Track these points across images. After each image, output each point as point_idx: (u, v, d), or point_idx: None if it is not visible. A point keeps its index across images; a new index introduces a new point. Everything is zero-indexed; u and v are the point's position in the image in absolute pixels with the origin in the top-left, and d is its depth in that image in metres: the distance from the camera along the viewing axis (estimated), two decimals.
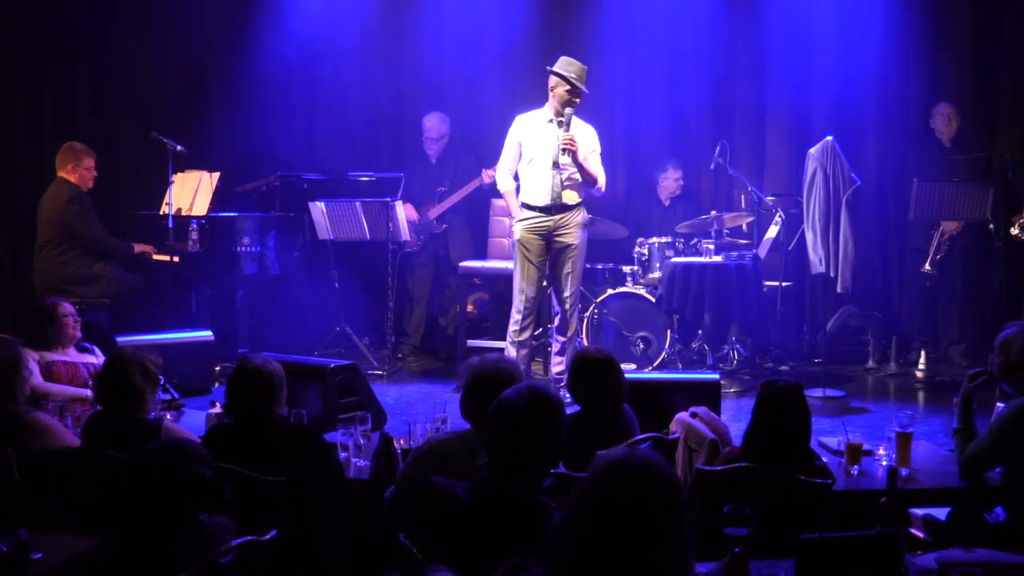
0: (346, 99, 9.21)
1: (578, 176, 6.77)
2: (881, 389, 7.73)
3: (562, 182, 6.74)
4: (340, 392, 5.42)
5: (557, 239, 6.83)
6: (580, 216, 6.85)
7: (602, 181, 6.87)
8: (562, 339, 6.96)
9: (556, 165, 6.70)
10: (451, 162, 8.67)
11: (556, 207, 6.76)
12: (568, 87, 6.66)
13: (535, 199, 6.81)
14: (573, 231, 6.83)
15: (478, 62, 8.93)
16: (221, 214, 8.04)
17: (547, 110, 6.78)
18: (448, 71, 8.90)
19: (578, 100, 6.69)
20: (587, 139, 6.82)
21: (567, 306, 6.88)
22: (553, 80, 6.71)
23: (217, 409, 4.92)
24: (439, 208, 8.53)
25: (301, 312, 8.48)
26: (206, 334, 7.10)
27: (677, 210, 8.61)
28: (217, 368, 7.19)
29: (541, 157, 6.76)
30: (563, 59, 6.72)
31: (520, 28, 8.84)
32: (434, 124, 8.63)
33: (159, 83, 9.13)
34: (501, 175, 7.00)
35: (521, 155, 6.87)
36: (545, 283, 7.14)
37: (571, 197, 6.80)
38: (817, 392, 7.10)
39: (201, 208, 8.04)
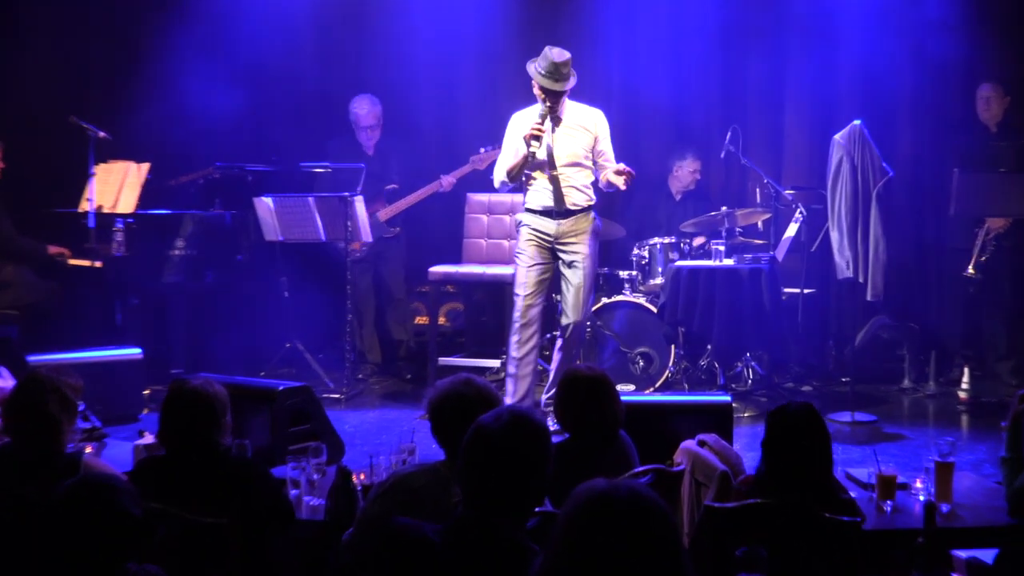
0: (299, 78, 9.20)
1: (583, 176, 6.81)
2: (918, 412, 7.76)
3: (562, 182, 6.75)
4: (291, 419, 5.40)
5: (562, 248, 6.85)
6: (589, 222, 6.87)
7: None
8: (558, 359, 6.96)
9: (552, 164, 6.72)
10: (392, 153, 8.68)
11: (558, 211, 6.79)
12: (539, 86, 6.68)
13: (534, 201, 6.85)
14: (581, 239, 6.84)
15: (454, 43, 8.95)
16: (151, 212, 8.02)
17: (540, 104, 6.80)
18: (419, 52, 8.91)
19: (550, 101, 6.67)
20: (592, 126, 6.84)
21: (574, 328, 6.87)
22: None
23: (147, 440, 4.90)
24: (391, 209, 8.53)
25: (245, 326, 8.45)
26: (134, 352, 7.08)
27: (688, 207, 8.65)
28: (147, 392, 7.17)
29: (527, 164, 6.77)
30: (545, 49, 6.69)
31: (503, 4, 8.86)
32: (367, 109, 8.62)
33: (79, 60, 9.09)
34: (496, 174, 6.98)
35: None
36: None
37: (577, 198, 6.83)
38: (845, 416, 7.12)
39: (127, 205, 8.01)
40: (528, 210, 6.90)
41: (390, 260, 8.72)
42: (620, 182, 6.72)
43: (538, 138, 6.64)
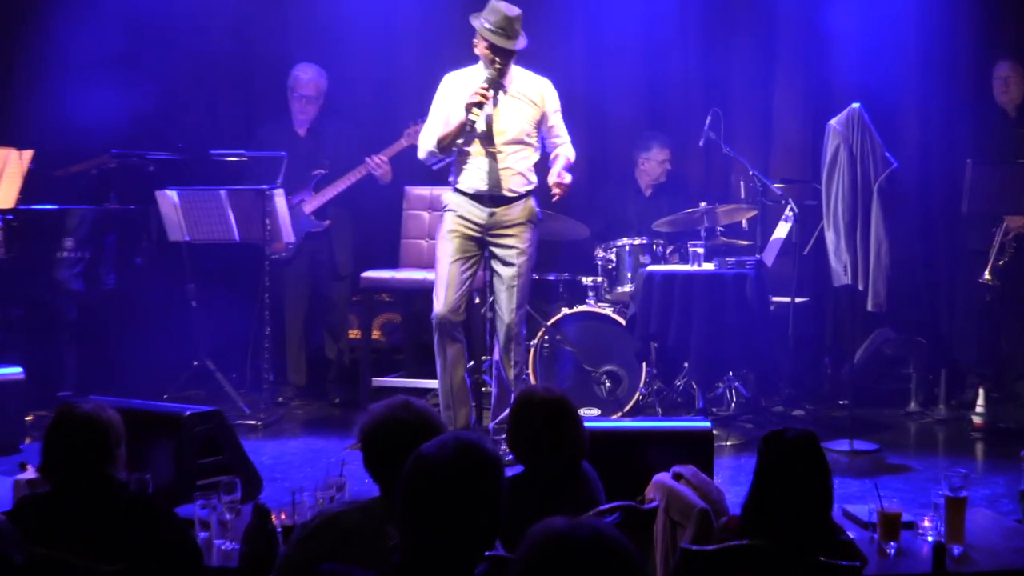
0: (213, 54, 9.14)
1: (525, 157, 6.81)
2: (926, 440, 7.82)
3: (500, 163, 6.75)
4: (199, 449, 5.38)
5: (494, 241, 6.85)
6: (527, 212, 6.87)
7: (571, 153, 6.91)
8: (498, 372, 6.96)
9: (491, 140, 6.72)
10: (329, 135, 8.65)
11: (492, 196, 6.78)
12: (486, 44, 6.68)
13: (465, 182, 6.84)
14: (517, 231, 6.84)
15: (390, 11, 8.93)
16: (35, 207, 7.96)
17: (481, 66, 6.80)
18: (352, 22, 8.88)
19: (500, 62, 6.69)
20: (539, 99, 6.85)
21: (508, 331, 6.86)
22: (476, 33, 6.74)
23: (30, 474, 4.86)
24: (318, 199, 8.49)
25: (145, 341, 8.40)
26: (14, 371, 7.02)
27: (661, 203, 8.66)
28: (29, 418, 7.11)
29: (463, 133, 6.76)
30: (490, 3, 6.72)
31: None
32: (311, 77, 8.60)
33: None
34: (423, 142, 6.96)
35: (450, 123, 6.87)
36: (478, 300, 7.16)
37: (515, 183, 6.83)
38: (842, 445, 7.16)
39: (7, 199, 7.94)
40: (457, 191, 6.90)
41: (324, 262, 8.68)
42: (554, 191, 6.75)
43: (481, 106, 6.65)
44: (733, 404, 8.04)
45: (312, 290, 8.74)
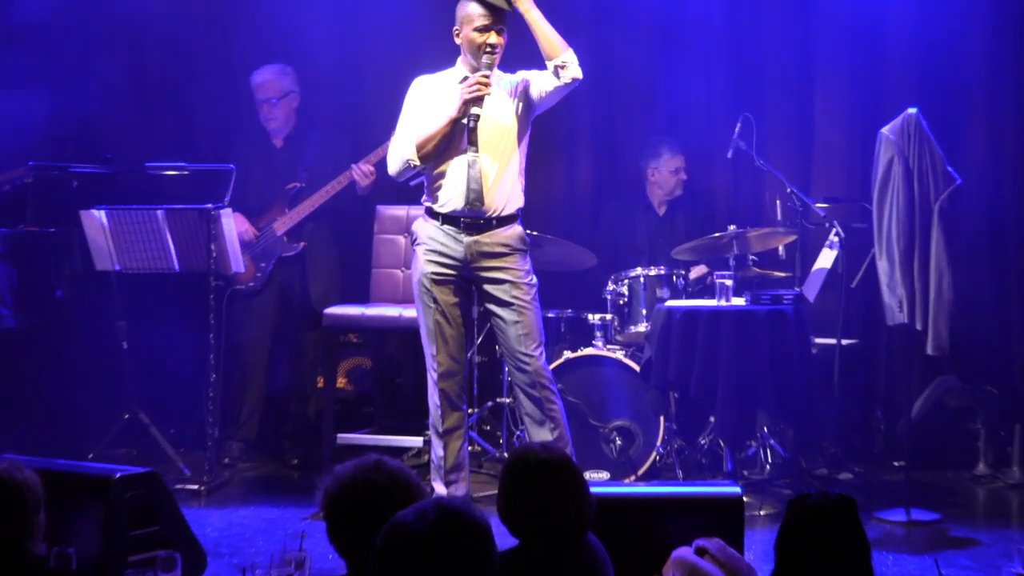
0: (143, 47, 9.18)
1: (513, 169, 6.79)
2: (997, 508, 7.84)
3: (482, 173, 6.72)
4: (131, 518, 5.38)
5: (480, 275, 6.82)
6: (513, 236, 6.82)
7: (572, 61, 6.74)
8: (521, 432, 6.95)
9: (474, 145, 6.69)
10: (310, 144, 8.66)
11: (472, 218, 6.72)
12: (475, 25, 6.68)
13: (441, 202, 6.79)
14: (503, 261, 6.79)
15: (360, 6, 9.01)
16: None
17: (460, 68, 6.82)
18: (322, 20, 8.94)
19: (497, 41, 6.66)
20: (517, 81, 6.84)
21: (532, 380, 6.77)
22: (456, 20, 6.74)
23: None
24: (292, 217, 8.51)
25: (68, 388, 8.42)
26: None
27: (678, 223, 8.67)
28: None
29: (449, 137, 6.78)
30: None
31: None
32: (269, 80, 8.64)
33: None
34: (395, 152, 6.90)
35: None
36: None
37: (499, 202, 6.77)
38: (898, 514, 7.17)
39: None
40: (430, 213, 6.84)
41: (296, 294, 8.70)
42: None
43: (482, 100, 6.61)
44: (768, 466, 8.05)
45: (276, 327, 8.76)
